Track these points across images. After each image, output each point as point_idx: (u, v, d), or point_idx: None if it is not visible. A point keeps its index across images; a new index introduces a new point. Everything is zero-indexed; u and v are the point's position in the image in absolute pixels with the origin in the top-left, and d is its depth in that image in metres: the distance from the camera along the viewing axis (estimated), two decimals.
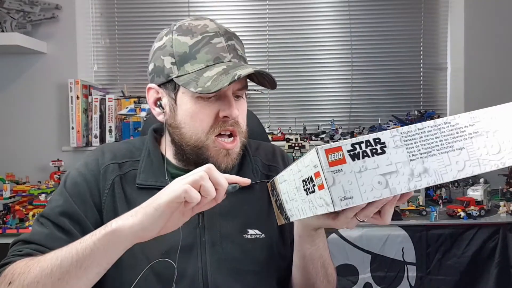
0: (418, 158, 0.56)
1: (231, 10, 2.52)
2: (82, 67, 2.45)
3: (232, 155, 0.85)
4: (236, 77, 0.76)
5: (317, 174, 0.56)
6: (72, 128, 2.29)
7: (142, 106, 2.29)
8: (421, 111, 2.46)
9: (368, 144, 0.55)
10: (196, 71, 0.81)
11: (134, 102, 2.34)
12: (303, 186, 0.61)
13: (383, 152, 0.56)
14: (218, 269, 0.83)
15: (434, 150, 0.57)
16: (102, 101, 2.36)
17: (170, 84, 0.85)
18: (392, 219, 2.24)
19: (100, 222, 0.84)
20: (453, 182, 2.26)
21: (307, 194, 0.60)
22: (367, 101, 2.55)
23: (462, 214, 1.86)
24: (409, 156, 0.56)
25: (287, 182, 0.69)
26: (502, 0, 2.46)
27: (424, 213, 1.94)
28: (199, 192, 0.64)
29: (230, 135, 0.85)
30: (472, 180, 2.22)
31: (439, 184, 2.28)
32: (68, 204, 0.83)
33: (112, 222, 0.66)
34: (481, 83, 2.46)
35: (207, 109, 0.82)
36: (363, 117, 2.55)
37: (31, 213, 1.93)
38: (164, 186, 0.67)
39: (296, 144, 2.28)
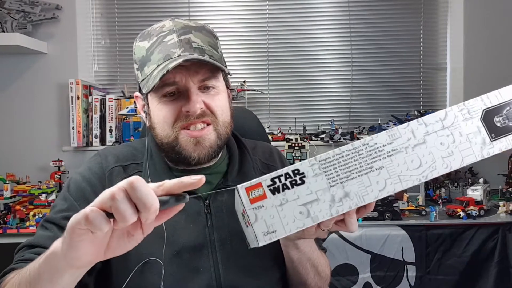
0: (338, 183, 0.57)
1: (231, 10, 2.51)
2: (83, 67, 2.46)
3: (203, 143, 0.83)
4: (165, 71, 0.76)
5: (244, 211, 0.58)
6: (73, 128, 2.30)
7: None
8: (421, 111, 2.46)
9: (288, 176, 0.57)
10: (151, 72, 0.81)
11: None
12: (243, 219, 0.61)
13: (303, 182, 0.57)
14: (229, 266, 0.84)
15: (353, 173, 0.58)
16: (103, 101, 2.36)
17: (142, 89, 0.87)
18: (392, 219, 2.20)
19: None
20: (452, 182, 2.26)
21: (247, 226, 0.60)
22: (367, 101, 2.55)
23: (462, 214, 1.86)
24: (329, 183, 0.57)
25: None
26: (502, 0, 2.46)
27: (423, 213, 1.94)
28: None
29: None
30: (472, 180, 2.22)
31: (439, 185, 2.28)
32: (73, 208, 0.82)
33: (55, 242, 0.55)
34: (481, 83, 2.46)
35: (170, 106, 0.83)
36: (363, 117, 2.55)
37: (31, 213, 1.93)
38: None
39: (296, 144, 2.27)
